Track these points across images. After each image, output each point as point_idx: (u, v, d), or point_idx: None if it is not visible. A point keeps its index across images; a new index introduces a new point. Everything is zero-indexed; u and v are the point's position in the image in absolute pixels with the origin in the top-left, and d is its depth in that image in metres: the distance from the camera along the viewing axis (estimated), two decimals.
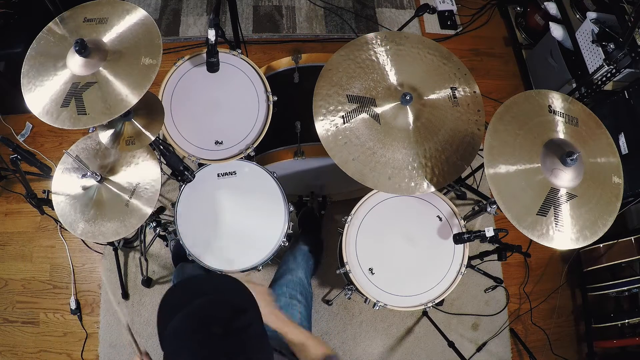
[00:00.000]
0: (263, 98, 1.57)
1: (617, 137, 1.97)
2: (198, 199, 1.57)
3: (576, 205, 1.24)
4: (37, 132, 2.42)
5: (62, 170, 1.45)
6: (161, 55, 1.16)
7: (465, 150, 1.44)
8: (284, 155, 1.65)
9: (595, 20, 2.11)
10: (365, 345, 2.12)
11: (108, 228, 1.37)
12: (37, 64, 1.19)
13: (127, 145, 1.29)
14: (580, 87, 2.17)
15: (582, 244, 1.23)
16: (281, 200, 1.58)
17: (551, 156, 1.24)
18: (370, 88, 1.46)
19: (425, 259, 1.52)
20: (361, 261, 1.50)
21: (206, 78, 1.55)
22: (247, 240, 1.56)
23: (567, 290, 2.34)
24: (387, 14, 2.89)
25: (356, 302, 2.16)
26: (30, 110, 1.15)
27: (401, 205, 1.55)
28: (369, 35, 1.53)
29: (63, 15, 1.24)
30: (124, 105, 1.13)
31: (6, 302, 2.13)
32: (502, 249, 1.47)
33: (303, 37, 2.76)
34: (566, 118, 1.32)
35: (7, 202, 2.29)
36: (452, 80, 1.51)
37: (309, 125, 1.48)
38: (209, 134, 1.56)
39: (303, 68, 1.77)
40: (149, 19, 1.20)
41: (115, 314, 2.08)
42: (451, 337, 1.98)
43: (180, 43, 2.67)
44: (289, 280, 1.55)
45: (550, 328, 2.25)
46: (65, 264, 2.19)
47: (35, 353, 2.06)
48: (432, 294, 1.49)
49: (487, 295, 2.25)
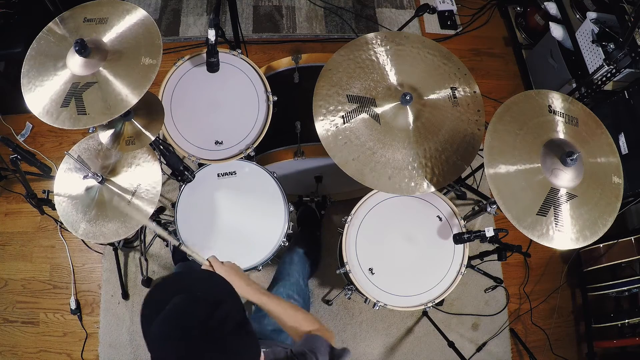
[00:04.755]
0: (263, 98, 1.57)
1: (617, 137, 1.97)
2: (198, 199, 1.57)
3: (576, 205, 1.24)
4: (37, 132, 2.42)
5: (64, 170, 1.45)
6: (161, 55, 1.16)
7: (465, 150, 1.44)
8: (284, 155, 1.65)
9: (595, 20, 2.11)
10: (365, 345, 2.12)
11: (109, 228, 1.37)
12: (37, 64, 1.19)
13: (127, 146, 1.29)
14: (580, 87, 2.16)
15: (582, 244, 1.23)
16: (281, 200, 1.58)
17: (551, 156, 1.24)
18: (370, 88, 1.46)
19: (425, 259, 1.52)
20: (361, 261, 1.50)
21: (206, 78, 1.55)
22: (247, 240, 1.56)
23: (567, 290, 2.34)
24: (387, 14, 2.89)
25: (356, 302, 2.15)
26: (30, 110, 1.15)
27: (401, 205, 1.55)
28: (369, 35, 1.53)
29: (63, 15, 1.24)
30: (124, 105, 1.13)
31: (6, 302, 2.13)
32: (502, 249, 1.47)
33: (303, 37, 2.76)
34: (566, 118, 1.32)
35: (7, 202, 2.29)
36: (452, 80, 1.52)
37: (309, 125, 1.48)
38: (209, 134, 1.56)
39: (303, 68, 1.77)
40: (149, 19, 1.21)
41: (116, 313, 2.09)
42: (451, 337, 1.98)
43: (180, 43, 2.67)
44: (286, 282, 1.56)
45: (550, 328, 2.25)
46: (65, 264, 2.19)
47: (35, 353, 2.06)
48: (432, 294, 1.49)
49: (487, 295, 2.24)
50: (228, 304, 0.78)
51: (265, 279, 2.11)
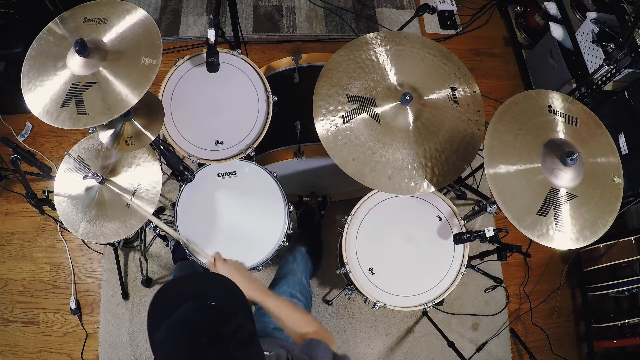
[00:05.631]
0: (263, 98, 1.57)
1: (617, 137, 1.97)
2: (198, 199, 1.57)
3: (576, 205, 1.24)
4: (37, 132, 2.42)
5: (64, 170, 1.44)
6: (161, 55, 1.16)
7: (465, 150, 1.44)
8: (284, 155, 1.65)
9: (595, 20, 2.11)
10: (365, 345, 2.12)
11: (109, 228, 1.37)
12: (37, 64, 1.19)
13: (127, 146, 1.29)
14: (580, 87, 2.17)
15: (582, 244, 1.23)
16: (281, 200, 1.58)
17: (551, 156, 1.24)
18: (370, 88, 1.46)
19: (425, 259, 1.52)
20: (361, 261, 1.50)
21: (206, 78, 1.55)
22: (247, 240, 1.56)
23: (567, 290, 2.34)
24: (387, 14, 2.89)
25: (356, 302, 2.16)
26: (30, 110, 1.14)
27: (401, 205, 1.55)
28: (369, 35, 1.53)
29: (63, 15, 1.24)
30: (124, 105, 1.13)
31: (6, 302, 2.13)
32: (502, 249, 1.47)
33: (303, 37, 2.76)
34: (566, 118, 1.32)
35: (7, 202, 2.29)
36: (452, 80, 1.51)
37: (309, 125, 1.48)
38: (209, 134, 1.56)
39: (303, 68, 1.77)
40: (149, 19, 1.20)
41: (116, 313, 2.09)
42: (451, 337, 1.98)
43: (180, 43, 2.67)
44: (289, 279, 1.56)
45: (550, 328, 2.25)
46: (65, 264, 2.19)
47: (35, 353, 2.06)
48: (432, 294, 1.49)
49: (487, 295, 2.25)
50: (240, 316, 0.78)
51: (266, 278, 2.11)
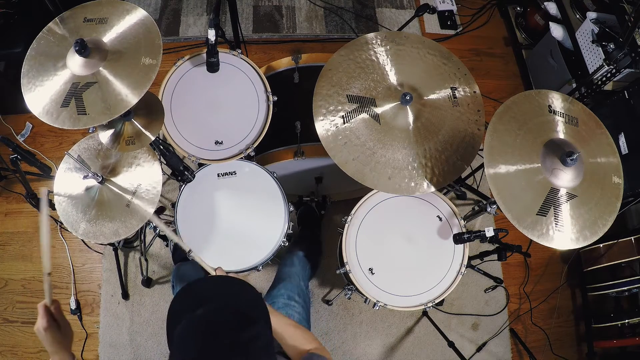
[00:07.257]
0: (263, 98, 1.57)
1: (617, 137, 1.97)
2: (198, 199, 1.57)
3: (576, 205, 1.24)
4: (37, 132, 2.42)
5: (64, 170, 1.44)
6: (161, 55, 1.16)
7: (465, 150, 1.44)
8: (284, 155, 1.65)
9: (595, 20, 2.11)
10: (365, 345, 2.12)
11: (109, 228, 1.37)
12: (37, 64, 1.19)
13: (127, 146, 1.29)
14: (580, 87, 2.16)
15: (582, 244, 1.23)
16: (281, 200, 1.58)
17: (551, 156, 1.24)
18: (370, 88, 1.46)
19: (425, 259, 1.52)
20: (361, 261, 1.50)
21: (206, 78, 1.55)
22: (247, 240, 1.56)
23: (567, 290, 2.34)
24: (387, 14, 2.90)
25: (356, 302, 2.15)
26: (30, 110, 1.15)
27: (401, 205, 1.55)
28: (369, 35, 1.53)
29: (63, 15, 1.24)
30: (124, 105, 1.13)
31: (6, 302, 2.13)
32: (502, 249, 1.47)
33: (303, 37, 2.76)
34: (566, 118, 1.32)
35: (7, 202, 2.29)
36: (452, 80, 1.52)
37: (309, 125, 1.48)
38: (209, 134, 1.56)
39: (303, 68, 1.77)
40: (149, 19, 1.20)
41: (116, 313, 2.09)
42: (451, 337, 1.98)
43: (180, 43, 2.67)
44: (287, 283, 1.57)
45: (550, 328, 2.25)
46: (65, 264, 2.19)
47: (35, 353, 2.06)
48: (432, 294, 1.49)
49: (487, 295, 2.25)
50: (261, 325, 0.80)
51: (265, 279, 2.11)
